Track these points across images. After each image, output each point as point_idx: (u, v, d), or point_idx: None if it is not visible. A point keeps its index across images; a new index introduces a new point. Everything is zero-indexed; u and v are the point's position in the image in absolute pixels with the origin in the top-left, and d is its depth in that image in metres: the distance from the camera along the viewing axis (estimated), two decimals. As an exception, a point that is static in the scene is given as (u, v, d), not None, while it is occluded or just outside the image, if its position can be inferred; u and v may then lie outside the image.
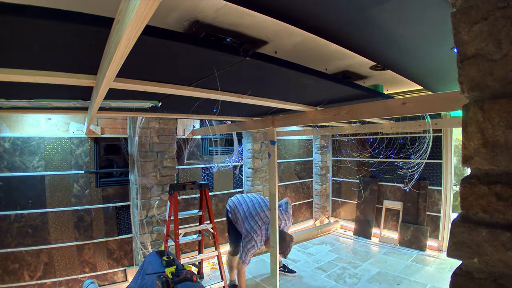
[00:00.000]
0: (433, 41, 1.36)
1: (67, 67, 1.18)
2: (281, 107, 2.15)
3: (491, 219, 0.44)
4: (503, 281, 0.42)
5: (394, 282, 3.67)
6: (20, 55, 1.02)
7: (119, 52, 0.76)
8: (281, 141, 5.60)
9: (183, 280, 1.94)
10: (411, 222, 4.89)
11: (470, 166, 0.47)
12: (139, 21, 0.60)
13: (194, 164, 4.39)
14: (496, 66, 0.43)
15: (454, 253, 0.47)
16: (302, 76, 1.43)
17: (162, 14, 1.07)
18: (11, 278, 2.93)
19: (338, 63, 1.74)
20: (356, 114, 1.94)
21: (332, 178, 6.39)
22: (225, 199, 4.79)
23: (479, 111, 0.45)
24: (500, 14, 0.41)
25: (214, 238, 3.22)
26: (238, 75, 1.39)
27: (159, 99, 1.92)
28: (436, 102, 1.58)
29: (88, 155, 3.47)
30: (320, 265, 4.30)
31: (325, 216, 6.34)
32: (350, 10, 1.06)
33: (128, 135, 3.71)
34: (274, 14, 1.07)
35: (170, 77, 1.42)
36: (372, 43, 1.41)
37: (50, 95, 1.64)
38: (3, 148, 2.98)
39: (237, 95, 1.74)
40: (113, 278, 3.62)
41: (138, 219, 3.63)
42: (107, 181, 3.64)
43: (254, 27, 1.20)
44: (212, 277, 3.83)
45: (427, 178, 4.83)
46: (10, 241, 2.95)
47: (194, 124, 4.30)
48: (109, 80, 1.03)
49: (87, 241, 3.42)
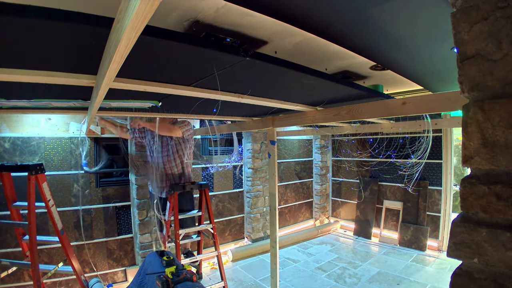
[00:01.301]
0: (433, 41, 1.36)
1: (67, 67, 1.18)
2: (281, 107, 2.15)
3: (491, 219, 0.44)
4: (503, 281, 0.42)
5: (394, 282, 3.67)
6: (20, 54, 1.02)
7: (119, 52, 0.76)
8: (281, 141, 5.60)
9: (183, 280, 1.94)
10: (411, 222, 4.89)
11: (470, 166, 0.47)
12: (139, 21, 0.60)
13: (194, 164, 4.39)
14: (496, 66, 0.43)
15: (454, 253, 0.47)
16: (302, 76, 1.43)
17: (162, 14, 1.07)
18: (11, 278, 2.93)
19: (338, 63, 1.74)
20: (356, 114, 1.94)
21: (332, 178, 6.39)
22: (225, 199, 4.80)
23: (479, 111, 0.45)
24: (500, 14, 0.41)
25: (214, 238, 3.22)
26: (238, 75, 1.38)
27: (159, 99, 1.92)
28: (436, 102, 1.58)
29: (88, 155, 3.47)
30: (320, 265, 4.30)
31: (325, 216, 6.34)
32: (350, 10, 1.06)
33: (128, 135, 3.71)
34: (274, 14, 1.07)
35: (170, 77, 1.42)
36: (372, 43, 1.41)
37: (50, 95, 1.64)
38: (3, 148, 2.98)
39: (237, 95, 1.74)
40: (113, 278, 3.62)
41: (138, 219, 3.64)
42: (107, 181, 3.64)
43: (254, 27, 1.20)
44: (212, 277, 3.83)
45: (427, 178, 4.83)
46: (10, 241, 2.95)
47: (194, 124, 4.30)
48: (109, 80, 1.03)
49: (87, 241, 3.42)
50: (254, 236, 4.94)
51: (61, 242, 2.37)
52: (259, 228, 5.01)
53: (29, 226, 2.11)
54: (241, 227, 5.03)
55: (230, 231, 4.89)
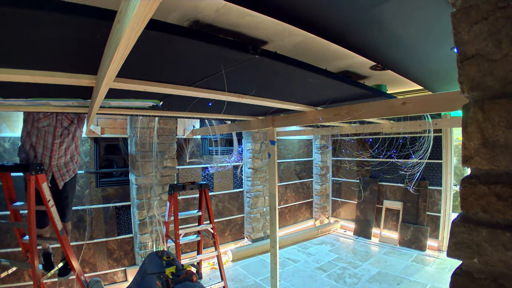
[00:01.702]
0: (433, 41, 1.36)
1: (67, 67, 1.18)
2: (281, 107, 2.15)
3: (491, 219, 0.44)
4: (503, 281, 0.42)
5: (394, 282, 3.67)
6: (20, 54, 1.02)
7: (119, 52, 0.76)
8: (281, 141, 5.60)
9: (183, 280, 1.94)
10: (411, 222, 4.89)
11: (470, 166, 0.47)
12: (139, 21, 0.60)
13: (194, 164, 4.39)
14: (496, 66, 0.43)
15: (454, 253, 0.47)
16: (310, 75, 1.42)
17: (162, 14, 1.07)
18: (11, 278, 2.92)
19: (338, 63, 1.74)
20: (356, 114, 1.94)
21: (332, 178, 6.39)
22: (225, 199, 4.80)
23: (479, 111, 0.45)
24: (500, 14, 0.41)
25: (214, 238, 3.22)
26: (243, 74, 1.36)
27: (160, 98, 1.92)
28: (436, 102, 1.58)
29: (88, 155, 3.47)
30: (320, 265, 4.30)
31: (325, 216, 6.33)
32: (350, 10, 1.06)
33: (128, 135, 3.71)
34: (274, 14, 1.07)
35: (172, 76, 1.41)
36: (372, 43, 1.41)
37: (49, 94, 1.64)
38: (3, 148, 2.98)
39: (237, 95, 1.74)
40: (113, 278, 3.62)
41: (138, 219, 3.63)
42: (107, 181, 3.64)
43: (254, 27, 1.19)
44: (212, 277, 3.83)
45: (427, 178, 4.83)
46: (10, 241, 2.95)
47: (194, 124, 4.30)
48: (109, 80, 1.03)
49: (87, 241, 3.42)
50: (254, 236, 4.94)
51: (61, 243, 2.37)
52: (259, 228, 5.01)
53: (29, 226, 2.11)
54: (241, 227, 5.03)
55: (230, 231, 4.89)
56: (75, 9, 0.73)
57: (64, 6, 0.72)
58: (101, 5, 0.76)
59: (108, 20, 0.75)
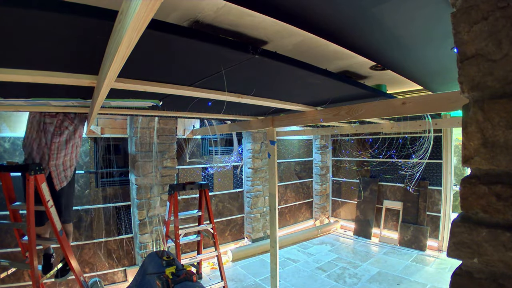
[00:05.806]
0: (433, 41, 1.36)
1: (67, 68, 1.18)
2: (281, 107, 2.15)
3: (491, 219, 0.44)
4: (503, 281, 0.42)
5: (394, 282, 3.67)
6: (20, 54, 1.02)
7: (120, 53, 0.76)
8: (281, 141, 5.60)
9: (183, 280, 1.94)
10: (411, 222, 4.89)
11: (470, 166, 0.47)
12: (141, 21, 0.60)
13: (194, 164, 4.39)
14: (496, 66, 0.43)
15: (454, 253, 0.47)
16: (309, 75, 1.42)
17: (162, 15, 1.07)
18: (11, 278, 2.92)
19: (338, 63, 1.74)
20: (356, 114, 1.94)
21: (332, 178, 6.39)
22: (225, 199, 4.80)
23: (479, 111, 0.45)
24: (500, 14, 0.41)
25: (214, 238, 3.22)
26: (243, 74, 1.37)
27: (160, 98, 1.92)
28: (436, 102, 1.59)
29: (88, 155, 3.47)
30: (320, 265, 4.30)
31: (325, 216, 6.34)
32: (350, 10, 1.06)
33: (128, 135, 3.71)
34: (274, 14, 1.07)
35: (172, 76, 1.41)
36: (372, 43, 1.41)
37: (49, 94, 1.64)
38: (3, 148, 2.98)
39: (237, 95, 1.74)
40: (113, 278, 3.62)
41: (138, 219, 3.63)
42: (107, 181, 3.64)
43: (254, 27, 1.19)
44: (212, 277, 3.83)
45: (427, 178, 4.83)
46: (10, 241, 2.95)
47: (194, 124, 4.30)
48: (110, 80, 1.03)
49: (87, 241, 3.42)
50: (254, 236, 4.94)
51: (60, 243, 2.36)
52: (259, 228, 5.01)
53: (28, 226, 2.10)
54: (241, 227, 5.03)
55: (230, 231, 4.89)
56: (76, 9, 0.73)
57: (64, 6, 0.72)
58: (101, 5, 0.76)
59: (109, 20, 0.74)
